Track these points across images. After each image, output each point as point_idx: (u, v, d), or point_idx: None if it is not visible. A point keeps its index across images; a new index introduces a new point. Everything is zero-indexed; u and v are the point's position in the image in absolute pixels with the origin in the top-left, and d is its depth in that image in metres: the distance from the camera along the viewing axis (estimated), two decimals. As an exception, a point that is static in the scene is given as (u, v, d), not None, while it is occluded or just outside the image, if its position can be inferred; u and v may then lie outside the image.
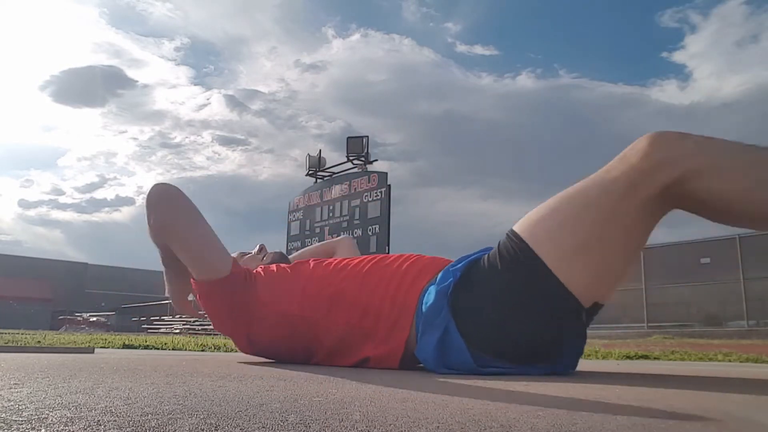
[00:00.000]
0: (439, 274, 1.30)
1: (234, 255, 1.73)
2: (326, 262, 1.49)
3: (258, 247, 1.79)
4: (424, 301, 1.26)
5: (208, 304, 1.45)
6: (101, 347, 3.11)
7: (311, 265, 1.48)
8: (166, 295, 1.57)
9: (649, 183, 1.06)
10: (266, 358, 1.57)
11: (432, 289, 1.26)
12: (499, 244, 1.25)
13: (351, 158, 12.27)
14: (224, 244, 1.71)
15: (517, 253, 1.18)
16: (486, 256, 1.26)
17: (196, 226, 1.38)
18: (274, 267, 1.50)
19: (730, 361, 2.79)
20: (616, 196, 1.09)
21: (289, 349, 1.47)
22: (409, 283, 1.32)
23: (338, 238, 2.08)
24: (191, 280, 1.43)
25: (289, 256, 1.96)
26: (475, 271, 1.25)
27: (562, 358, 1.25)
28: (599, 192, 1.12)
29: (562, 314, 1.18)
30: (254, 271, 1.48)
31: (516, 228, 1.22)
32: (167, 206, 1.35)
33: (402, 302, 1.29)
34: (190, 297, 1.53)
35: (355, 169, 12.36)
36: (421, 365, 1.31)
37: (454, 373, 1.21)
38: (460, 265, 1.29)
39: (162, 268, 1.49)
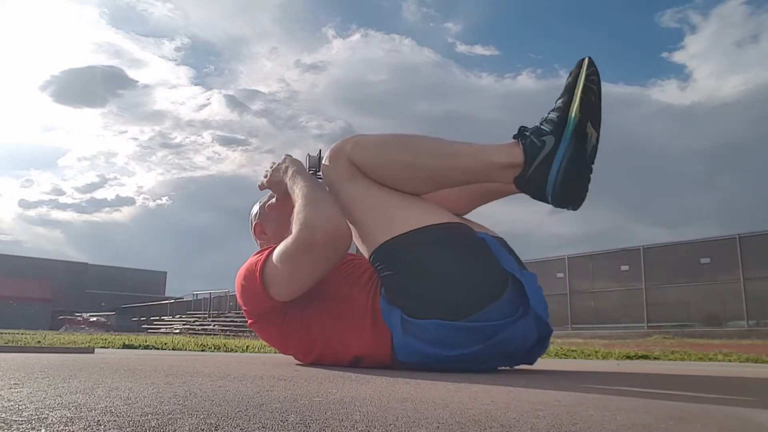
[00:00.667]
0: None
1: (263, 200, 1.67)
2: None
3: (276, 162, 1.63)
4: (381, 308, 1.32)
5: (241, 286, 1.43)
6: (101, 347, 3.11)
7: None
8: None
9: (352, 172, 1.40)
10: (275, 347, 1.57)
11: (381, 296, 1.32)
12: (379, 276, 1.35)
13: (351, 158, 12.24)
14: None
15: (381, 255, 1.33)
16: (379, 274, 1.35)
17: (319, 272, 1.33)
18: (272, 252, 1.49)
19: (730, 361, 2.79)
20: (355, 187, 1.40)
21: (286, 347, 1.50)
22: (376, 285, 1.36)
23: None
24: (262, 260, 1.37)
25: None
26: (385, 287, 1.32)
27: (513, 287, 1.25)
28: (350, 197, 1.40)
29: (454, 241, 1.30)
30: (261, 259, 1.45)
31: (367, 256, 1.39)
32: (336, 250, 1.31)
33: (378, 300, 1.32)
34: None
35: (355, 169, 12.34)
36: (415, 362, 1.31)
37: (441, 351, 1.22)
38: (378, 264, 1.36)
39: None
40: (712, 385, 1.15)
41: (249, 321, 1.51)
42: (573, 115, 1.21)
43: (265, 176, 1.57)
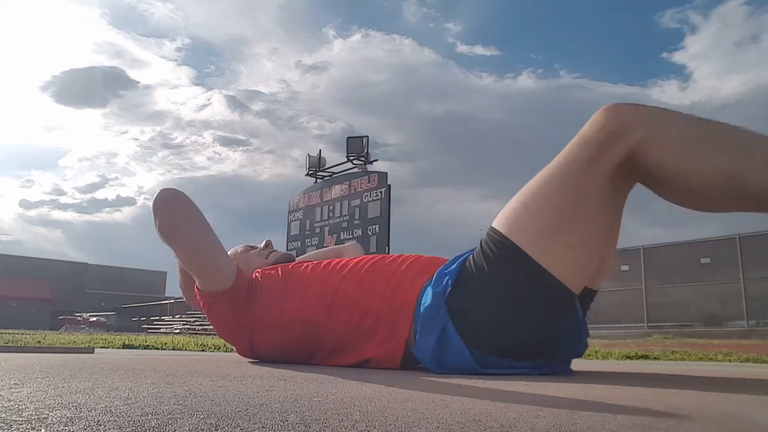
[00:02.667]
0: (435, 275, 1.30)
1: (240, 248, 1.71)
2: (325, 263, 1.48)
3: (264, 242, 1.75)
4: (422, 302, 1.26)
5: (210, 314, 1.46)
6: (101, 347, 3.11)
7: (311, 266, 1.47)
8: (179, 287, 1.57)
9: (607, 155, 1.06)
10: (268, 360, 1.57)
11: (429, 291, 1.26)
12: (481, 242, 1.24)
13: (351, 158, 12.26)
14: (224, 244, 1.70)
15: (498, 248, 1.18)
16: (472, 255, 1.26)
17: (200, 235, 1.37)
18: (275, 270, 1.49)
19: (730, 361, 2.79)
20: (580, 172, 1.09)
21: (292, 351, 1.47)
22: (407, 283, 1.32)
23: (347, 244, 2.04)
24: (195, 288, 1.44)
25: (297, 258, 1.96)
26: (467, 270, 1.25)
27: (561, 352, 1.25)
28: (563, 172, 1.12)
29: (553, 303, 1.17)
30: (256, 278, 1.48)
31: (495, 224, 1.21)
32: (172, 212, 1.35)
33: (401, 303, 1.29)
34: None
35: (355, 169, 12.36)
36: (422, 365, 1.31)
37: (453, 373, 1.21)
38: (453, 266, 1.28)
39: (175, 264, 1.50)
40: (712, 385, 1.15)
41: (245, 346, 1.51)
42: None
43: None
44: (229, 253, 1.70)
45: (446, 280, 1.25)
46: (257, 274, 1.50)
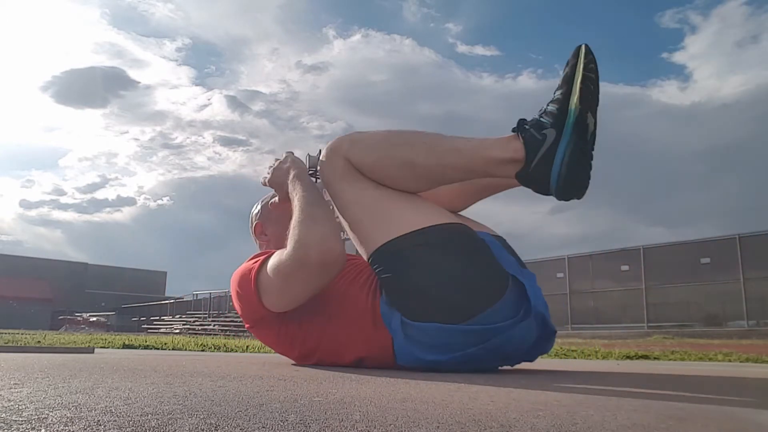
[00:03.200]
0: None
1: (266, 198, 1.68)
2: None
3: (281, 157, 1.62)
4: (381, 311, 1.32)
5: (237, 294, 1.43)
6: (101, 347, 3.11)
7: None
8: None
9: (343, 167, 1.36)
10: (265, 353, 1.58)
11: (381, 299, 1.32)
12: (379, 279, 1.33)
13: (351, 158, 12.24)
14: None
15: (380, 258, 1.30)
16: (379, 277, 1.33)
17: (311, 287, 1.32)
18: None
19: (730, 361, 2.79)
20: (353, 187, 1.36)
21: (285, 350, 1.49)
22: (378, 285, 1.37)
23: None
24: (256, 268, 1.37)
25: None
26: (385, 289, 1.32)
27: (515, 288, 1.26)
28: (338, 192, 1.38)
29: (453, 242, 1.28)
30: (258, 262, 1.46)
31: (365, 258, 1.36)
32: (326, 271, 1.30)
33: (378, 302, 1.32)
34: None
35: (355, 169, 12.33)
36: (417, 365, 1.31)
37: (440, 356, 1.22)
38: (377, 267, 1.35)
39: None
40: (712, 385, 1.15)
41: (246, 324, 1.51)
42: (573, 107, 1.19)
43: (269, 173, 1.56)
44: (256, 209, 1.68)
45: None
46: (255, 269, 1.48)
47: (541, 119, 1.22)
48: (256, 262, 1.38)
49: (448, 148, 1.30)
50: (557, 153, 1.18)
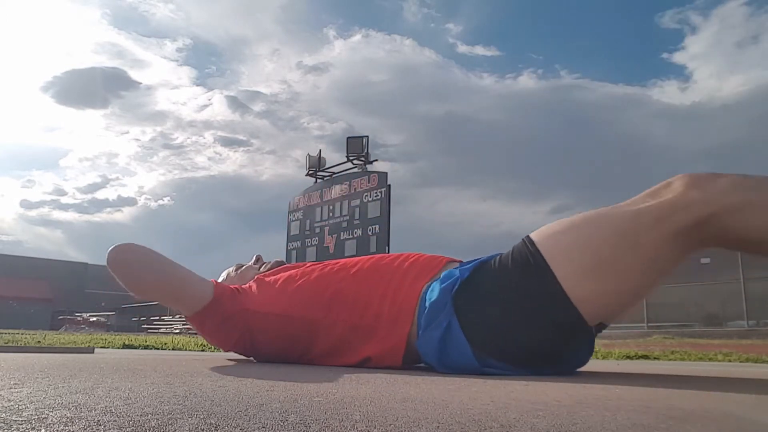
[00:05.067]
0: (443, 272, 1.30)
1: (231, 269, 1.74)
2: (324, 263, 1.49)
3: (254, 257, 1.78)
4: (427, 297, 1.27)
5: (205, 332, 1.49)
6: (101, 347, 3.11)
7: (310, 266, 1.48)
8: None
9: (679, 218, 1.07)
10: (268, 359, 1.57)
11: (435, 286, 1.27)
12: (513, 248, 1.25)
13: (351, 158, 12.26)
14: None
15: (528, 258, 1.18)
16: (498, 257, 1.26)
17: (163, 275, 1.38)
18: (272, 273, 1.51)
19: (730, 361, 2.79)
20: (643, 226, 1.10)
21: (292, 350, 1.47)
22: (410, 281, 1.32)
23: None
24: (185, 317, 1.47)
25: None
26: (484, 272, 1.25)
27: (564, 364, 1.26)
28: (625, 219, 1.12)
29: (564, 327, 1.17)
30: (245, 285, 1.50)
31: (533, 235, 1.21)
32: (126, 271, 1.35)
33: (402, 300, 1.29)
34: None
35: (355, 169, 12.36)
36: (422, 364, 1.31)
37: (453, 370, 1.21)
38: (469, 264, 1.29)
39: None
40: (712, 385, 1.15)
41: (249, 342, 1.50)
42: None
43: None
44: (221, 276, 1.73)
45: (456, 277, 1.25)
46: (251, 283, 1.51)
47: None
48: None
49: None
50: None
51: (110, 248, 1.32)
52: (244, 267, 1.74)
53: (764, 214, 1.04)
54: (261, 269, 1.69)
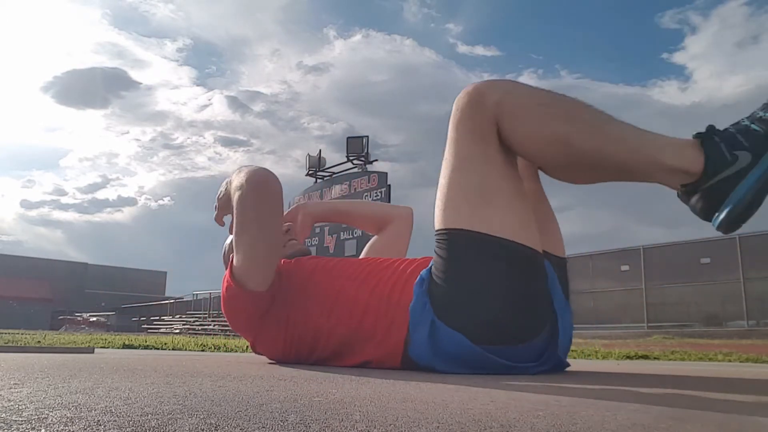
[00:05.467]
0: (419, 276, 1.32)
1: None
2: (330, 264, 1.48)
3: (286, 226, 1.70)
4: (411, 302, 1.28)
5: (228, 301, 1.44)
6: (101, 347, 3.11)
7: (319, 270, 1.47)
8: (223, 254, 1.59)
9: (480, 128, 1.21)
10: (269, 358, 1.57)
11: (415, 289, 1.28)
12: (435, 249, 1.29)
13: (351, 158, 12.26)
14: (225, 244, 1.70)
15: (448, 241, 1.24)
16: (435, 252, 1.29)
17: (270, 230, 1.36)
18: (291, 275, 1.47)
19: (730, 361, 2.79)
20: (471, 150, 1.23)
21: (293, 354, 1.47)
22: (403, 282, 1.33)
23: (400, 207, 1.99)
24: (229, 266, 1.41)
25: (335, 202, 1.94)
26: (436, 267, 1.28)
27: (546, 327, 1.24)
28: (460, 157, 1.24)
29: (516, 263, 1.20)
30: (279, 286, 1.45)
31: (436, 227, 1.28)
32: (260, 195, 1.34)
33: (397, 301, 1.29)
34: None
35: (355, 169, 12.36)
36: (422, 367, 1.31)
37: (451, 368, 1.22)
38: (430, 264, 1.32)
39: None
40: (712, 385, 1.15)
41: (250, 341, 1.51)
42: None
43: (215, 206, 1.56)
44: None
45: (424, 277, 1.28)
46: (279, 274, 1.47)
47: (738, 136, 1.05)
48: (226, 270, 1.42)
49: (615, 136, 1.12)
50: (744, 182, 1.02)
51: (263, 168, 1.36)
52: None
53: (516, 115, 1.18)
54: (286, 246, 1.64)
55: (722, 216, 1.04)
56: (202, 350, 3.27)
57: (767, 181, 1.01)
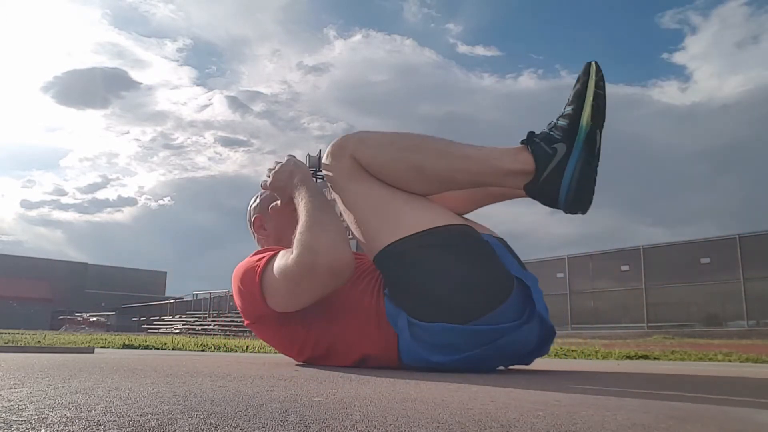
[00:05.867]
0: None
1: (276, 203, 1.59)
2: None
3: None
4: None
5: (242, 299, 1.41)
6: (101, 347, 3.11)
7: None
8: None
9: (346, 168, 1.37)
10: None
11: (385, 299, 1.32)
12: (383, 278, 1.36)
13: (351, 158, 12.24)
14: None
15: (384, 259, 1.31)
16: (386, 280, 1.35)
17: (320, 290, 1.29)
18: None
19: (730, 361, 2.79)
20: (361, 187, 1.37)
21: (286, 348, 1.49)
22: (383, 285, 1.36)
23: None
24: (261, 267, 1.34)
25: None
26: (391, 289, 1.33)
27: (520, 287, 1.26)
28: (353, 198, 1.38)
29: (455, 242, 1.28)
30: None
31: (371, 259, 1.35)
32: (337, 277, 1.26)
33: (383, 303, 1.32)
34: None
35: (355, 169, 12.33)
36: (421, 365, 1.31)
37: (447, 358, 1.23)
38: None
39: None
40: (712, 385, 1.15)
41: (246, 321, 1.51)
42: (584, 123, 1.21)
43: (268, 176, 1.51)
44: (262, 197, 1.63)
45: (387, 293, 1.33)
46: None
47: (551, 133, 1.24)
48: (261, 259, 1.36)
49: (458, 155, 1.31)
50: (567, 167, 1.21)
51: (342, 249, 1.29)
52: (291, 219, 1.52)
53: (372, 154, 1.35)
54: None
55: (562, 198, 1.21)
56: (202, 350, 3.27)
57: (585, 159, 1.21)
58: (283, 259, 1.29)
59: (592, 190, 1.23)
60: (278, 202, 1.54)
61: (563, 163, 1.21)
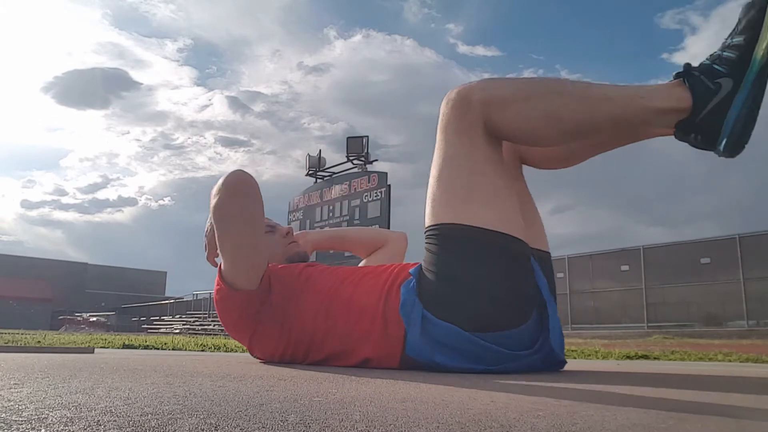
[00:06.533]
0: (410, 271, 1.34)
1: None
2: (325, 268, 1.48)
3: (286, 229, 1.71)
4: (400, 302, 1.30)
5: (220, 303, 1.45)
6: (101, 347, 3.11)
7: (309, 271, 1.46)
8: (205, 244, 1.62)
9: (469, 127, 1.25)
10: (265, 359, 1.56)
11: (402, 290, 1.30)
12: (425, 245, 1.32)
13: (351, 158, 12.27)
14: (207, 226, 1.71)
15: (437, 236, 1.27)
16: (425, 248, 1.32)
17: (250, 231, 1.35)
18: (287, 280, 1.46)
19: (730, 361, 2.79)
20: (459, 149, 1.28)
21: (289, 356, 1.46)
22: (398, 284, 1.34)
23: (395, 232, 2.03)
24: (218, 270, 1.43)
25: (334, 229, 1.97)
26: (426, 264, 1.31)
27: (540, 314, 1.26)
28: (448, 156, 1.29)
29: (502, 253, 1.24)
30: (271, 287, 1.44)
31: (426, 224, 1.32)
32: (234, 198, 1.32)
33: (391, 303, 1.30)
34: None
35: (355, 169, 12.36)
36: (422, 366, 1.31)
37: (450, 360, 1.22)
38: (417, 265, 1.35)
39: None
40: (712, 385, 1.15)
41: (245, 342, 1.50)
42: (759, 56, 1.07)
43: (205, 245, 1.66)
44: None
45: (412, 276, 1.31)
46: (270, 276, 1.46)
47: (715, 66, 1.12)
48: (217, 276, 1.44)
49: (600, 96, 1.18)
50: (733, 106, 1.09)
51: (237, 169, 1.35)
52: (275, 235, 1.67)
53: (511, 112, 1.23)
54: (287, 248, 1.66)
55: (724, 141, 1.09)
56: (202, 350, 3.27)
57: (755, 99, 1.08)
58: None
59: (752, 129, 1.10)
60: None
61: (727, 101, 1.08)
